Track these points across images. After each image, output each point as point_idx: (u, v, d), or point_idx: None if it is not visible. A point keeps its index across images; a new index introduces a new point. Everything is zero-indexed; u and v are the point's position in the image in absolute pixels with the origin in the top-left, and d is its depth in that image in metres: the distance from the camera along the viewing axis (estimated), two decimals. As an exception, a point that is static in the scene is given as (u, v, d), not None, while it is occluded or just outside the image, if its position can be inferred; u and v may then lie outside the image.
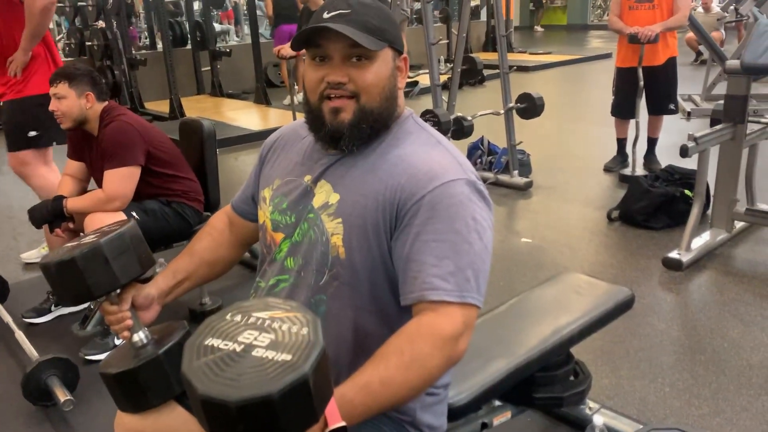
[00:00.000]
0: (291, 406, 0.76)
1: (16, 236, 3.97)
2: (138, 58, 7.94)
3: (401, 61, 1.17)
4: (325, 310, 1.14)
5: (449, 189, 1.07)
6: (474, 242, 1.06)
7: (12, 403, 2.25)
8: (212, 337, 0.83)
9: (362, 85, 1.10)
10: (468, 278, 1.04)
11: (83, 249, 1.12)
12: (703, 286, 3.00)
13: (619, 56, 4.53)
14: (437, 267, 1.04)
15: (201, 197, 2.78)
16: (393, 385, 0.97)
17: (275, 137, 1.36)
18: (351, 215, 1.11)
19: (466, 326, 1.04)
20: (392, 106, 1.15)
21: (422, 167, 1.09)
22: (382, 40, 1.10)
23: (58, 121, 2.56)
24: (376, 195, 1.10)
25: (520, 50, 11.87)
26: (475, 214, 1.08)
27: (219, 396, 0.74)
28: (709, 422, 2.03)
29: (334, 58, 1.10)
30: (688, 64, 9.24)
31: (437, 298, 1.03)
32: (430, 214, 1.06)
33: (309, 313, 0.86)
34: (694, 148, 3.00)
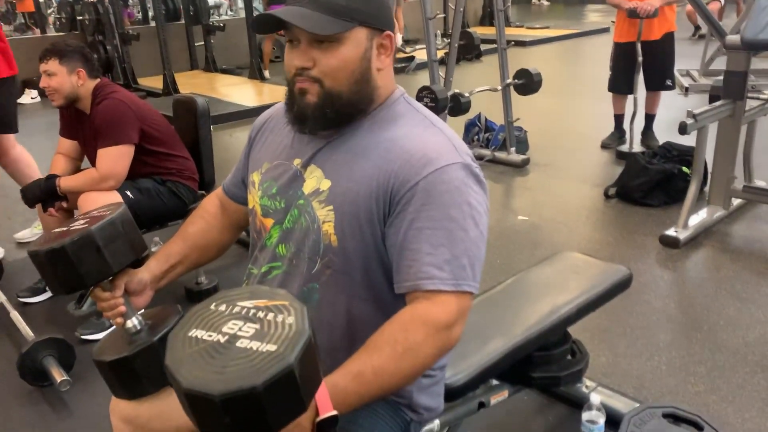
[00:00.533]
0: (277, 398, 0.74)
1: (10, 215, 3.94)
2: (130, 33, 7.82)
3: (383, 39, 1.10)
4: (318, 298, 1.13)
5: (444, 174, 1.04)
6: (469, 229, 1.04)
7: (8, 383, 2.25)
8: (196, 328, 0.81)
9: (326, 69, 1.06)
10: (464, 266, 1.03)
11: (73, 237, 1.08)
12: (700, 264, 3.00)
13: (617, 31, 4.48)
14: (432, 255, 1.02)
15: (196, 176, 2.76)
16: (385, 374, 0.97)
17: (264, 118, 1.32)
18: (343, 203, 1.09)
19: (460, 314, 1.03)
20: (365, 89, 1.09)
21: (416, 152, 1.06)
22: (351, 21, 1.04)
23: (49, 99, 2.52)
24: (369, 181, 1.07)
25: (518, 24, 11.76)
26: (470, 199, 1.05)
27: (203, 389, 0.73)
28: (705, 399, 2.04)
29: (301, 41, 1.06)
30: (686, 39, 9.16)
31: (433, 287, 1.01)
32: (425, 200, 1.03)
33: (295, 301, 0.84)
34: (693, 125, 2.98)
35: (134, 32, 7.91)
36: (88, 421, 2.08)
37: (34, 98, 7.73)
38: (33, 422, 2.10)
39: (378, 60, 1.10)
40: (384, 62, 1.11)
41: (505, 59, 4.48)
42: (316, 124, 1.10)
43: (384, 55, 1.11)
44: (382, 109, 1.14)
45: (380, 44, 1.10)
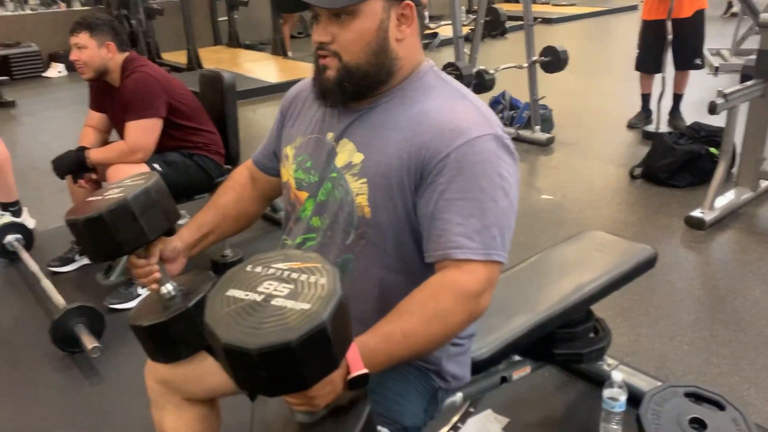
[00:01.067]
0: (311, 353, 0.78)
1: (39, 187, 4.01)
2: (155, 8, 7.84)
3: (403, 9, 1.09)
4: (352, 268, 1.15)
5: (475, 146, 1.05)
6: (500, 199, 1.05)
7: (41, 349, 2.32)
8: (233, 288, 0.85)
9: (342, 43, 1.08)
10: (494, 236, 1.04)
11: (111, 205, 1.10)
12: (726, 246, 2.97)
13: (646, 8, 4.40)
14: (463, 225, 1.03)
15: (222, 150, 2.78)
16: (414, 337, 0.99)
17: (295, 91, 1.33)
18: (375, 175, 1.10)
19: (489, 283, 1.05)
20: (382, 61, 1.10)
21: (447, 123, 1.07)
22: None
23: (79, 72, 2.55)
24: (401, 153, 1.08)
25: (544, 1, 11.57)
26: (501, 170, 1.06)
27: (241, 344, 0.76)
28: (727, 380, 2.04)
29: (321, 16, 1.09)
30: (718, 17, 8.95)
31: (463, 256, 1.03)
32: (456, 171, 1.04)
33: (327, 263, 0.87)
34: (723, 105, 2.93)
35: (158, 7, 7.93)
36: (118, 387, 2.14)
37: (60, 72, 7.81)
38: (65, 387, 2.17)
39: (397, 30, 1.10)
40: (404, 32, 1.10)
41: (531, 36, 4.42)
42: (336, 98, 1.12)
43: (405, 25, 1.10)
44: (411, 81, 1.14)
45: (400, 14, 1.10)
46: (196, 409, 1.35)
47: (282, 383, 0.80)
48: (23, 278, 2.87)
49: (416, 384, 1.20)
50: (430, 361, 1.21)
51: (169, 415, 1.34)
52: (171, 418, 1.34)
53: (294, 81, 1.38)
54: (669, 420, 1.48)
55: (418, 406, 1.19)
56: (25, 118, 5.97)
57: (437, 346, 1.06)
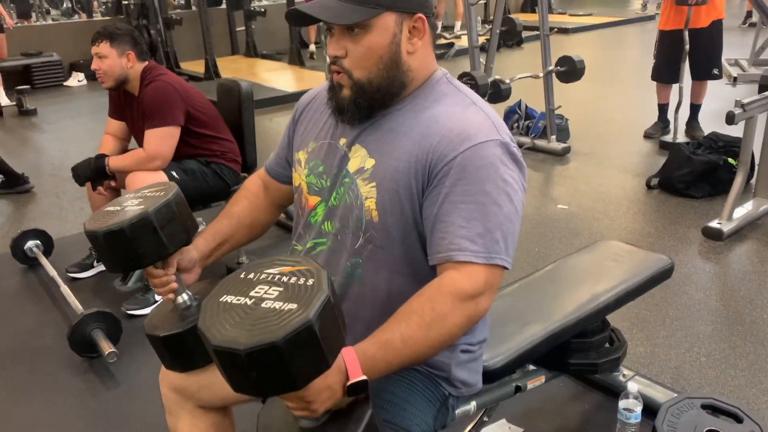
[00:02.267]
0: (298, 352, 0.80)
1: (59, 194, 4.07)
2: (173, 18, 7.95)
3: (414, 22, 1.10)
4: (361, 272, 1.16)
5: (480, 150, 1.06)
6: (504, 204, 1.06)
7: (59, 354, 2.34)
8: (227, 294, 0.88)
9: (354, 59, 1.09)
10: (497, 240, 1.05)
11: (132, 219, 1.11)
12: (744, 257, 2.94)
13: (663, 18, 4.38)
14: (465, 228, 1.04)
15: (239, 158, 2.81)
16: (414, 343, 0.99)
17: (309, 98, 1.34)
18: (384, 178, 1.11)
19: (488, 286, 1.05)
20: (395, 74, 1.11)
21: (455, 128, 1.08)
22: (376, 7, 1.06)
23: (99, 81, 2.60)
24: (408, 157, 1.09)
25: (560, 11, 11.56)
26: (505, 175, 1.07)
27: (229, 345, 0.79)
28: (745, 393, 2.01)
29: (334, 30, 1.10)
30: (736, 27, 8.89)
31: (464, 259, 1.03)
32: (460, 175, 1.05)
33: (315, 264, 0.89)
34: (741, 115, 2.91)
35: (177, 17, 8.04)
36: (134, 392, 2.16)
37: (80, 81, 7.93)
38: (81, 391, 2.19)
39: (409, 43, 1.11)
40: (416, 45, 1.12)
41: (547, 46, 4.42)
42: (353, 116, 1.14)
43: (417, 38, 1.12)
44: (423, 89, 1.15)
45: (412, 27, 1.11)
46: (210, 416, 1.36)
47: (273, 383, 0.82)
48: (42, 284, 2.91)
49: (425, 391, 1.20)
50: (439, 368, 1.21)
51: (183, 422, 1.36)
52: (185, 426, 1.36)
53: (310, 90, 1.39)
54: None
55: (427, 413, 1.19)
56: (46, 125, 6.07)
57: (438, 350, 1.05)
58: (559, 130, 4.52)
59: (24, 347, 2.45)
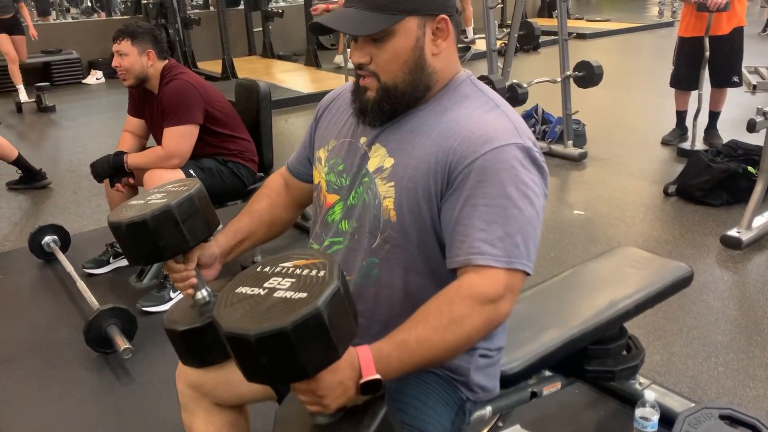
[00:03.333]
0: (307, 339, 0.81)
1: (76, 190, 4.10)
2: (192, 18, 8.00)
3: (438, 23, 1.10)
4: (377, 272, 1.15)
5: (501, 153, 1.04)
6: (524, 208, 1.04)
7: (75, 349, 2.36)
8: (242, 286, 0.91)
9: (380, 64, 1.10)
10: (517, 244, 1.03)
11: (155, 211, 1.12)
12: (763, 266, 2.91)
13: (683, 25, 4.35)
14: (485, 231, 1.02)
15: (256, 157, 2.82)
16: (430, 345, 0.98)
17: (332, 97, 1.34)
18: (403, 178, 1.11)
19: (507, 290, 1.03)
20: (420, 77, 1.11)
21: (476, 131, 1.07)
22: (398, 13, 1.06)
23: (120, 78, 2.62)
24: (428, 158, 1.09)
25: (577, 17, 11.51)
26: (526, 179, 1.05)
27: (239, 331, 0.81)
28: (763, 404, 1.98)
29: (357, 38, 1.11)
30: (756, 35, 8.81)
31: (483, 262, 1.02)
32: (481, 177, 1.04)
33: (328, 257, 0.92)
34: (763, 123, 2.88)
35: (195, 17, 8.09)
36: (149, 388, 2.17)
37: (99, 79, 8.00)
38: (97, 387, 2.20)
39: (433, 45, 1.10)
40: (440, 46, 1.11)
41: (566, 50, 4.40)
42: (375, 118, 1.14)
43: (441, 39, 1.11)
44: (447, 91, 1.15)
45: (435, 29, 1.10)
46: (226, 414, 1.36)
47: (282, 370, 0.84)
48: (59, 279, 2.93)
49: (442, 394, 1.19)
50: (458, 372, 1.20)
51: (198, 419, 1.36)
52: (200, 423, 1.36)
53: (326, 91, 1.40)
54: (704, 442, 1.44)
55: (444, 416, 1.18)
56: (65, 122, 6.12)
57: (454, 353, 1.04)
58: (575, 136, 4.49)
59: (40, 342, 2.47)
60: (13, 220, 3.70)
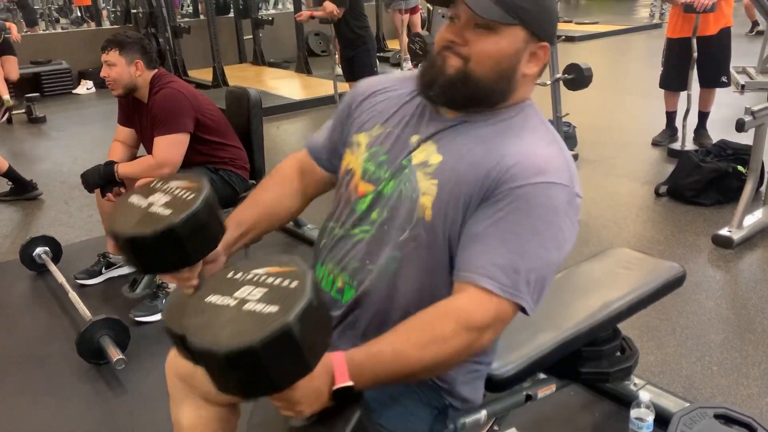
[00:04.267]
0: (277, 355, 0.79)
1: (68, 200, 4.09)
2: (182, 26, 7.99)
3: (539, 48, 1.10)
4: (396, 267, 1.11)
5: (549, 190, 1.03)
6: (550, 250, 1.02)
7: (67, 360, 2.34)
8: (212, 294, 0.88)
9: (476, 51, 1.07)
10: (528, 281, 1.01)
11: (157, 228, 1.02)
12: (755, 265, 2.92)
13: (670, 26, 4.38)
14: (503, 258, 1.00)
15: (247, 165, 2.82)
16: (406, 360, 0.97)
17: (374, 84, 1.28)
18: (449, 180, 1.07)
19: (497, 320, 1.01)
20: (503, 85, 1.10)
21: (534, 159, 1.05)
22: (515, 17, 1.05)
23: (109, 88, 2.61)
24: (480, 168, 1.06)
25: (566, 20, 11.57)
26: (562, 224, 1.03)
27: (210, 347, 0.79)
28: (757, 402, 1.99)
29: (461, 19, 1.08)
30: (743, 35, 8.88)
31: (488, 286, 0.99)
32: (520, 204, 1.02)
33: (303, 266, 0.88)
34: (751, 122, 2.90)
35: (185, 25, 8.08)
36: (142, 399, 2.15)
37: (89, 89, 7.97)
38: (90, 398, 2.19)
39: (527, 65, 1.10)
40: (532, 69, 1.11)
41: (554, 53, 4.42)
42: (440, 96, 1.11)
43: (533, 63, 1.11)
44: (514, 112, 1.13)
45: (533, 52, 1.10)
46: (215, 410, 1.34)
47: (254, 385, 0.82)
48: (51, 290, 2.92)
49: (423, 397, 1.18)
50: (443, 378, 1.18)
51: (186, 411, 1.34)
52: (188, 415, 1.34)
53: (318, 98, 1.38)
54: (699, 441, 1.45)
55: (424, 420, 1.17)
56: (55, 133, 6.10)
57: (431, 372, 1.02)
58: (566, 138, 4.50)
59: (32, 354, 2.45)
60: (4, 232, 3.68)
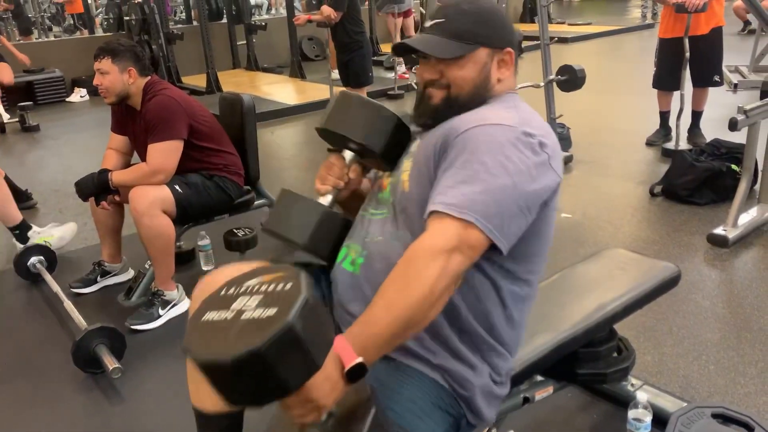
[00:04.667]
0: (283, 355, 0.79)
1: (62, 209, 4.07)
2: (175, 33, 7.99)
3: (504, 55, 1.27)
4: (395, 241, 1.22)
5: (489, 129, 1.14)
6: (498, 175, 1.09)
7: (63, 370, 2.33)
8: (209, 311, 0.88)
9: (451, 78, 1.25)
10: (475, 200, 1.07)
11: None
12: (750, 263, 2.93)
13: (662, 26, 4.39)
14: (452, 188, 1.09)
15: (241, 171, 2.81)
16: (396, 308, 1.01)
17: None
18: (419, 155, 1.24)
19: (461, 242, 1.05)
20: (483, 94, 1.26)
21: (480, 116, 1.18)
22: (473, 44, 1.24)
23: (102, 96, 2.60)
24: (438, 136, 1.20)
25: (559, 21, 11.61)
26: (509, 153, 1.11)
27: (213, 359, 0.79)
28: (755, 401, 1.99)
29: (430, 59, 1.26)
30: (735, 34, 8.92)
31: (440, 209, 1.07)
32: (464, 146, 1.13)
33: (293, 269, 0.90)
34: (744, 121, 2.91)
35: (178, 32, 8.08)
36: (139, 407, 2.14)
37: (83, 97, 7.96)
38: (86, 408, 2.17)
39: (498, 72, 1.28)
40: (504, 74, 1.29)
41: (548, 55, 4.43)
42: (434, 122, 1.26)
43: (503, 68, 1.28)
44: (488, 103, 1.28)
45: (501, 59, 1.28)
46: None
47: (265, 390, 0.81)
48: (46, 300, 2.90)
49: (441, 402, 1.19)
50: (463, 386, 1.20)
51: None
52: None
53: (312, 102, 1.47)
54: (697, 441, 1.45)
55: (439, 425, 1.18)
56: (49, 141, 6.08)
57: (421, 311, 1.03)
58: (560, 139, 4.51)
59: (28, 363, 2.44)
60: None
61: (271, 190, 3.14)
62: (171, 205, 2.52)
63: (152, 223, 2.46)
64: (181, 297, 2.70)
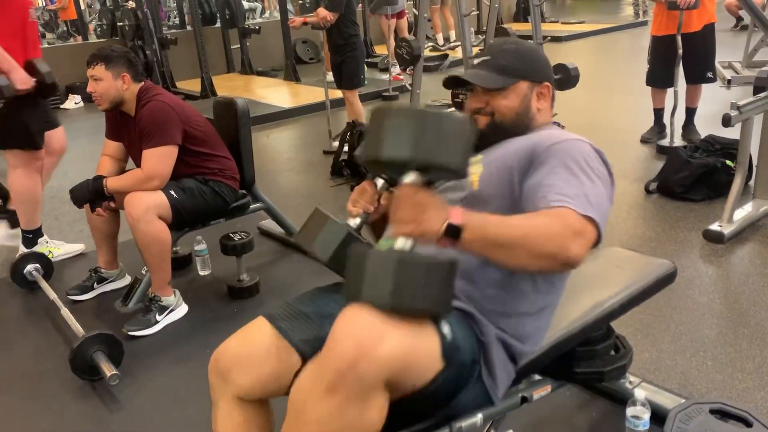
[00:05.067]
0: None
1: (57, 216, 4.07)
2: (168, 38, 7.98)
3: (543, 88, 1.48)
4: None
5: (576, 143, 1.32)
6: (596, 181, 1.26)
7: (60, 377, 2.33)
8: None
9: (496, 107, 1.45)
10: (591, 203, 1.21)
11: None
12: (746, 259, 2.93)
13: (655, 24, 4.40)
14: (570, 190, 1.22)
15: (237, 175, 2.81)
16: (513, 229, 1.15)
17: None
18: (491, 162, 1.39)
19: (585, 230, 1.17)
20: (525, 122, 1.46)
21: (554, 136, 1.35)
22: (515, 78, 1.45)
23: (96, 103, 2.60)
24: (521, 149, 1.36)
25: (552, 20, 11.63)
26: (597, 165, 1.30)
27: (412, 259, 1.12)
28: (753, 396, 2.00)
29: (478, 90, 1.47)
30: (728, 30, 8.94)
31: (568, 205, 1.18)
32: (560, 155, 1.29)
33: None
34: (738, 117, 2.92)
35: (172, 37, 8.07)
36: (137, 414, 2.14)
37: (77, 103, 7.95)
38: (85, 415, 2.17)
39: (537, 102, 1.48)
40: (543, 104, 1.49)
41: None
42: (482, 145, 1.40)
43: (542, 100, 1.49)
44: (541, 130, 1.45)
45: (539, 92, 1.48)
46: (247, 410, 1.38)
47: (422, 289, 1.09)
48: (42, 307, 2.89)
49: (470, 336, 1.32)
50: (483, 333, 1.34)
51: (219, 415, 1.39)
52: (221, 415, 1.39)
53: (307, 105, 1.48)
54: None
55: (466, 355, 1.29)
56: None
57: (525, 253, 1.14)
58: (556, 138, 4.51)
59: (25, 371, 2.44)
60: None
61: (267, 194, 3.14)
62: (166, 210, 2.52)
63: (148, 229, 2.45)
64: (178, 302, 2.70)
